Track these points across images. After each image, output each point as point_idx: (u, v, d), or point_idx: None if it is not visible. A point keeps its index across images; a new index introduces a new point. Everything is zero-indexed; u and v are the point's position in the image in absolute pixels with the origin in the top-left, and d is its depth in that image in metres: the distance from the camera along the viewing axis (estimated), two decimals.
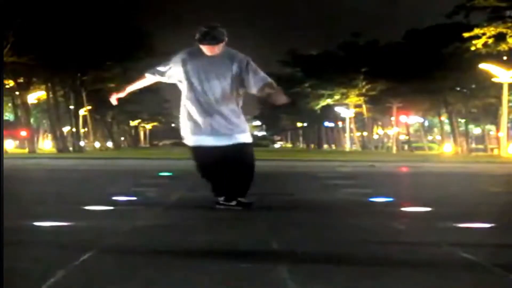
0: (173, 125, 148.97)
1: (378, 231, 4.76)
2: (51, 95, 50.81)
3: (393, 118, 76.02)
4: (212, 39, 6.02)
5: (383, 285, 2.96)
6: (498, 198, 8.13)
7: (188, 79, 6.20)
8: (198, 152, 6.24)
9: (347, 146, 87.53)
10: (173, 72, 6.29)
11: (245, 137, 6.26)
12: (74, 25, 43.85)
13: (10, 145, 55.22)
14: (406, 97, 65.97)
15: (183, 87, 6.27)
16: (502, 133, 45.43)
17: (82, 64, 50.04)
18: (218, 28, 6.06)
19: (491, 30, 40.65)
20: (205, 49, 6.08)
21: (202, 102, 6.16)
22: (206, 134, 6.15)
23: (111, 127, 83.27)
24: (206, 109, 6.15)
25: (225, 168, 6.23)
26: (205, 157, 6.21)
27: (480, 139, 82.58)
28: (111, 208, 6.11)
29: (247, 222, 5.27)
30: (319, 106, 79.55)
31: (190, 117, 6.23)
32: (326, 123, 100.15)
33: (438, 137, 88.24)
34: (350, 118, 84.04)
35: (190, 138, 6.26)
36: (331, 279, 3.05)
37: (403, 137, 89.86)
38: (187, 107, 6.25)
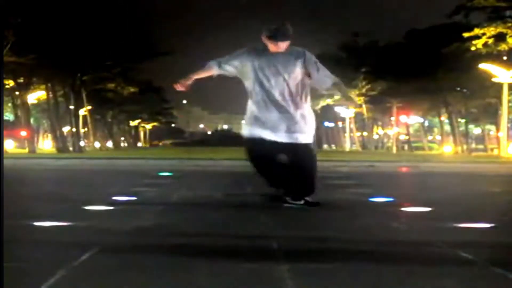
0: (173, 125, 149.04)
1: (378, 231, 4.76)
2: (51, 95, 50.83)
3: (393, 118, 76.07)
4: (282, 36, 6.05)
5: (383, 285, 2.96)
6: (498, 198, 8.13)
7: (255, 76, 6.21)
8: (253, 143, 6.24)
9: (347, 146, 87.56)
10: (239, 67, 6.29)
11: (304, 138, 6.24)
12: (74, 25, 43.85)
13: (10, 145, 55.20)
14: (406, 97, 66.02)
15: (249, 83, 6.28)
16: (502, 133, 45.43)
17: (82, 64, 50.06)
18: (286, 25, 6.09)
19: (491, 30, 40.64)
20: (273, 46, 6.10)
21: (267, 99, 6.19)
22: (265, 128, 6.17)
23: (111, 127, 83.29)
24: (271, 106, 6.17)
25: (284, 166, 6.24)
26: (259, 149, 6.21)
27: (480, 139, 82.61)
28: (111, 208, 6.11)
29: (247, 222, 5.27)
30: (319, 106, 79.61)
31: (254, 113, 6.25)
32: (326, 123, 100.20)
33: (438, 137, 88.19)
34: (350, 118, 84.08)
35: (247, 130, 6.28)
36: (331, 279, 3.05)
37: (403, 137, 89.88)
38: (252, 104, 6.28)
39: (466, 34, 41.66)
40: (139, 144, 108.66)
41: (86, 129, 68.28)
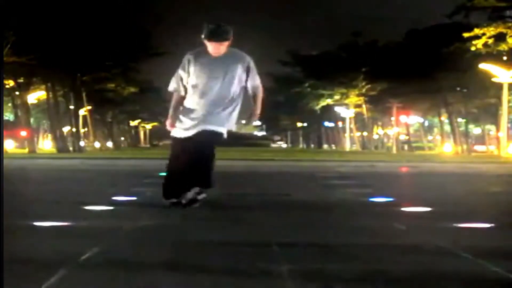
0: None
1: (378, 231, 4.76)
2: (51, 95, 50.80)
3: (393, 118, 76.05)
4: (219, 36, 6.04)
5: (383, 285, 2.96)
6: (498, 198, 8.13)
7: (192, 79, 6.21)
8: (175, 143, 6.27)
9: (347, 146, 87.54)
10: (183, 80, 6.29)
11: (215, 127, 6.16)
12: (74, 25, 43.84)
13: (10, 145, 55.19)
14: (406, 97, 65.99)
15: (188, 86, 6.27)
16: (502, 133, 45.42)
17: (82, 64, 50.04)
18: (224, 26, 6.09)
19: (491, 30, 40.62)
20: (211, 47, 6.09)
21: (198, 103, 6.17)
22: (185, 128, 6.18)
23: (111, 127, 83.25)
24: (199, 112, 6.14)
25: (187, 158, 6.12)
26: (176, 150, 6.21)
27: (480, 139, 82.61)
28: (111, 208, 6.11)
29: (247, 222, 5.27)
30: (319, 106, 79.62)
31: (183, 113, 6.24)
32: (326, 123, 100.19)
33: (438, 137, 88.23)
34: (350, 118, 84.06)
35: (174, 130, 6.28)
36: (331, 279, 3.05)
37: (403, 137, 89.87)
38: (185, 104, 6.27)
39: (466, 34, 41.65)
40: (142, 145, 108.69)
41: (86, 129, 68.25)
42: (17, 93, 49.14)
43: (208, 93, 6.16)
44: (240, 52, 6.29)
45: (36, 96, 52.54)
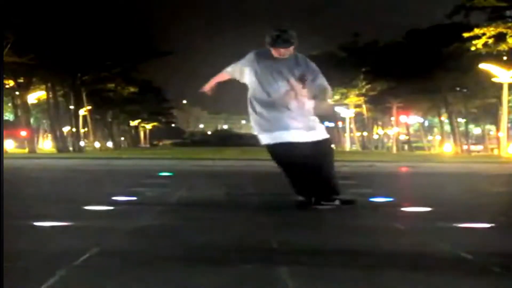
0: (173, 125, 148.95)
1: (378, 231, 4.76)
2: (51, 95, 50.82)
3: (393, 118, 76.04)
4: (283, 42, 6.10)
5: (383, 285, 2.96)
6: (498, 198, 8.13)
7: (256, 80, 6.25)
8: (279, 149, 6.24)
9: (347, 146, 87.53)
10: (242, 72, 6.38)
11: (319, 134, 6.36)
12: (74, 25, 43.86)
13: (10, 145, 55.18)
14: (406, 97, 66.01)
15: (251, 87, 6.33)
16: (502, 133, 45.42)
17: (82, 64, 50.06)
18: (288, 31, 6.14)
19: (491, 30, 40.62)
20: (275, 52, 6.14)
21: (269, 102, 6.21)
22: (282, 129, 6.19)
23: (111, 127, 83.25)
24: (273, 107, 6.20)
25: (307, 167, 6.22)
26: (287, 154, 6.20)
27: (480, 139, 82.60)
28: (111, 208, 6.11)
29: (247, 222, 5.28)
30: None
31: (261, 115, 6.26)
32: (326, 123, 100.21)
33: (438, 137, 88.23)
34: (350, 118, 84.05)
35: (264, 136, 6.29)
36: (331, 279, 3.05)
37: (403, 137, 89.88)
38: (255, 108, 6.30)
39: (466, 34, 41.65)
40: (142, 145, 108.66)
41: (86, 129, 68.24)
42: (17, 93, 49.14)
43: (274, 94, 6.20)
44: (303, 57, 6.37)
45: (36, 96, 52.54)
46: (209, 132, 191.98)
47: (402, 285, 2.97)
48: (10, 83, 47.13)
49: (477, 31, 40.93)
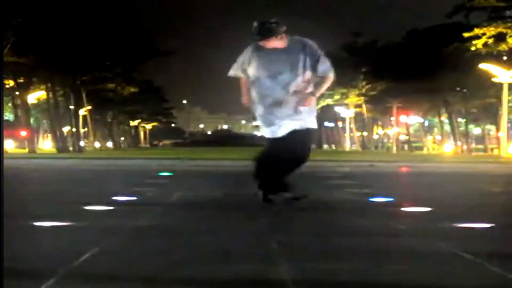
0: (173, 125, 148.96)
1: (378, 231, 4.75)
2: (51, 95, 50.82)
3: (393, 118, 76.04)
4: (265, 33, 6.04)
5: (383, 285, 2.96)
6: (498, 198, 8.13)
7: (256, 73, 6.23)
8: (273, 144, 6.28)
9: (347, 146, 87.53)
10: (244, 67, 6.35)
11: (305, 124, 6.26)
12: (74, 25, 43.86)
13: (10, 145, 55.18)
14: (406, 97, 65.99)
15: (253, 81, 6.30)
16: (502, 133, 45.42)
17: (82, 64, 50.05)
18: (268, 21, 6.07)
19: (491, 30, 40.65)
20: (265, 43, 6.11)
21: (270, 95, 6.19)
22: (276, 125, 6.21)
23: (111, 127, 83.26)
24: (275, 101, 6.18)
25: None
26: (275, 149, 6.24)
27: (480, 139, 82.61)
28: (111, 208, 6.11)
29: (247, 222, 5.28)
30: (319, 106, 79.60)
31: (264, 111, 6.26)
32: (326, 123, 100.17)
33: (438, 137, 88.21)
34: (350, 118, 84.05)
35: (266, 130, 6.31)
36: (331, 279, 3.05)
37: (403, 137, 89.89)
38: (258, 102, 6.29)
39: (466, 34, 41.67)
40: (142, 145, 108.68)
41: (86, 129, 68.23)
42: (17, 93, 49.15)
43: (277, 86, 6.17)
44: (303, 39, 6.28)
45: (36, 96, 52.54)
46: (209, 132, 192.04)
47: (402, 285, 2.97)
48: (10, 83, 47.14)
49: (477, 31, 40.95)
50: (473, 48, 41.56)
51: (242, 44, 6.52)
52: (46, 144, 76.36)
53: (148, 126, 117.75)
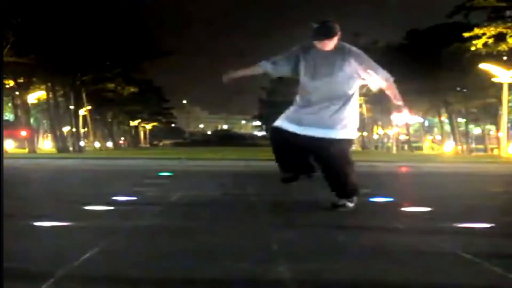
0: (173, 125, 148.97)
1: (378, 231, 4.76)
2: (51, 95, 50.82)
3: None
4: (323, 34, 5.99)
5: (384, 285, 2.96)
6: (498, 198, 8.13)
7: (300, 74, 6.20)
8: (278, 134, 6.23)
9: None
10: (284, 66, 6.28)
11: (336, 134, 6.25)
12: (74, 25, 43.86)
13: (10, 145, 55.18)
14: (406, 97, 65.69)
15: (300, 80, 6.26)
16: (502, 133, 45.42)
17: (82, 64, 50.05)
18: (329, 22, 6.04)
19: (491, 30, 40.64)
20: (318, 44, 6.06)
21: (308, 99, 6.15)
22: (298, 125, 6.15)
23: (111, 127, 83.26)
24: (311, 107, 6.13)
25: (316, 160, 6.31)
26: (284, 141, 6.19)
27: (480, 139, 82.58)
28: (111, 208, 6.11)
29: (247, 222, 5.28)
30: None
31: (295, 110, 6.23)
32: None
33: (438, 137, 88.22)
34: None
35: (279, 121, 6.25)
36: (331, 279, 3.05)
37: (403, 137, 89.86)
38: (297, 101, 6.26)
39: (466, 34, 41.66)
40: (142, 145, 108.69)
41: (86, 129, 68.24)
42: (17, 93, 49.14)
43: (316, 90, 6.12)
44: (349, 47, 6.24)
45: (36, 96, 52.54)
46: (209, 132, 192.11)
47: (402, 285, 2.97)
48: (10, 83, 47.14)
49: (477, 31, 40.94)
50: (473, 48, 41.54)
51: (242, 44, 6.49)
52: (46, 144, 76.34)
53: (148, 126, 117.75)
